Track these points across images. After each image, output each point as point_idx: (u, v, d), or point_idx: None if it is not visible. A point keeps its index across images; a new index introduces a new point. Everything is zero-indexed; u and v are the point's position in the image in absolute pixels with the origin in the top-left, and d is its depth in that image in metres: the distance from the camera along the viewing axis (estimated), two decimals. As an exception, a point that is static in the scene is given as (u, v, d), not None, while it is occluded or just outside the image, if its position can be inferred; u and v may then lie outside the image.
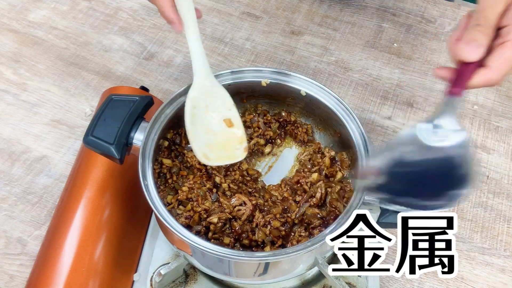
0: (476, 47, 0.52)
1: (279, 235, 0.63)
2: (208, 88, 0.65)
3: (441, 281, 0.74)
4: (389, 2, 1.08)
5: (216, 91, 0.66)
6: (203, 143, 0.65)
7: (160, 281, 0.64)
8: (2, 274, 0.73)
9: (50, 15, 1.04)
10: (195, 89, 0.64)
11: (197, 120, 0.65)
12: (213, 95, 0.65)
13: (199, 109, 0.65)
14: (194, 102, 0.65)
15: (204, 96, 0.65)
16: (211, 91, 0.65)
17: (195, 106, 0.65)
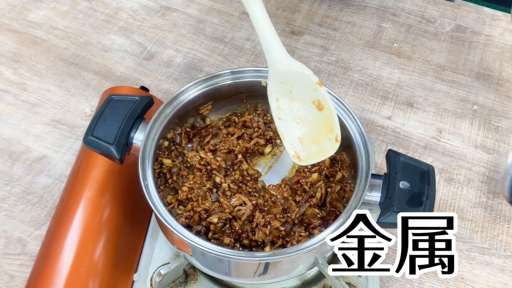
0: None
1: (279, 235, 0.63)
2: (284, 72, 0.57)
3: (441, 281, 0.74)
4: (389, 2, 1.08)
5: (294, 71, 0.57)
6: (295, 138, 0.58)
7: (160, 281, 0.64)
8: (2, 274, 0.73)
9: (50, 15, 1.04)
10: (271, 81, 0.57)
11: (284, 113, 0.58)
12: (292, 78, 0.57)
13: (283, 100, 0.58)
14: (274, 95, 0.57)
15: (283, 83, 0.57)
16: (288, 73, 0.57)
17: (277, 98, 0.58)
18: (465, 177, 0.84)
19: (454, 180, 0.84)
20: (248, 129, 0.73)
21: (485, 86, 0.95)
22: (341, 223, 0.57)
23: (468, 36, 1.03)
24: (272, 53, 0.57)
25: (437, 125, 0.90)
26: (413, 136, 0.89)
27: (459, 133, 0.89)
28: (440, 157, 0.86)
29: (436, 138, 0.89)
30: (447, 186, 0.83)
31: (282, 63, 0.57)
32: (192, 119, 0.71)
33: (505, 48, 1.01)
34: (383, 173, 0.60)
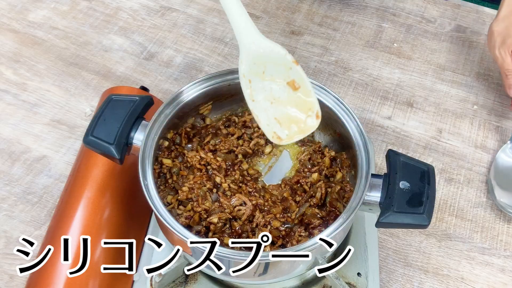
0: None
1: (279, 235, 0.63)
2: (257, 52, 0.55)
3: (441, 281, 0.74)
4: (389, 2, 1.08)
5: (268, 50, 0.55)
6: (271, 119, 0.57)
7: (160, 281, 0.64)
8: (2, 274, 0.73)
9: (50, 15, 1.04)
10: (243, 61, 0.56)
11: (257, 93, 0.56)
12: (266, 58, 0.55)
13: (255, 81, 0.56)
14: (247, 76, 0.56)
15: (256, 64, 0.56)
16: (261, 53, 0.55)
17: (250, 79, 0.56)
18: (465, 177, 0.84)
19: (454, 180, 0.84)
20: (248, 129, 0.73)
21: (485, 86, 0.95)
22: (341, 223, 0.57)
23: (468, 36, 1.03)
24: (245, 35, 0.55)
25: (437, 125, 0.90)
26: (413, 136, 0.89)
27: (459, 133, 0.89)
28: (440, 157, 0.86)
29: (436, 138, 0.89)
30: (447, 186, 0.83)
31: (256, 44, 0.55)
32: (192, 119, 0.71)
33: (505, 48, 1.01)
34: (383, 173, 0.60)
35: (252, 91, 0.57)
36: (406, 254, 0.76)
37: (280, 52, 0.55)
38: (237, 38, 0.55)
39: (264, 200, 0.66)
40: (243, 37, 0.55)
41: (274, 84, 0.56)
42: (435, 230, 0.78)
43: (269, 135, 0.58)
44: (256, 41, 0.55)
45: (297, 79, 0.56)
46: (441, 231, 0.78)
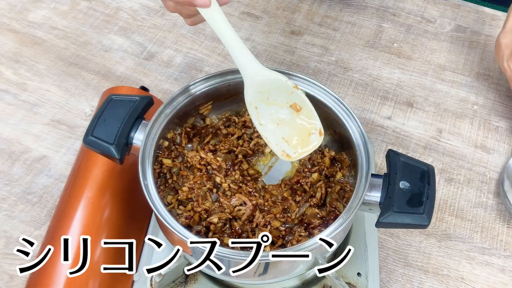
0: None
1: (279, 235, 0.63)
2: (260, 82, 0.61)
3: (441, 281, 0.74)
4: (389, 2, 1.08)
5: (270, 79, 0.61)
6: (279, 139, 0.62)
7: (160, 281, 0.64)
8: (2, 274, 0.73)
9: (50, 15, 1.04)
10: (248, 91, 0.61)
11: (264, 117, 0.62)
12: (269, 86, 0.61)
13: (261, 107, 0.62)
14: (253, 104, 0.62)
15: (261, 92, 0.61)
16: (264, 82, 0.61)
17: (256, 106, 0.62)
18: (465, 177, 0.84)
19: (454, 180, 0.84)
20: (248, 129, 0.73)
21: (485, 86, 0.95)
22: (341, 223, 0.57)
23: (468, 36, 1.03)
24: (248, 68, 0.60)
25: (437, 125, 0.90)
26: (413, 136, 0.89)
27: (459, 133, 0.89)
28: (440, 157, 0.86)
29: (436, 138, 0.89)
30: (447, 186, 0.83)
31: (259, 74, 0.61)
32: (192, 119, 0.71)
33: (505, 48, 1.01)
34: (383, 173, 0.60)
35: (259, 116, 0.62)
36: (406, 254, 0.76)
37: (281, 79, 0.61)
38: (241, 72, 0.61)
39: (264, 200, 0.66)
40: (246, 70, 0.60)
41: (278, 107, 0.62)
42: (435, 230, 0.78)
43: (279, 153, 0.62)
44: (259, 72, 0.61)
45: (299, 101, 0.61)
46: (441, 231, 0.78)
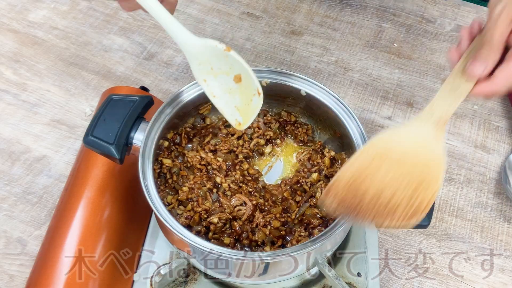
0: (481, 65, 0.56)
1: (279, 235, 0.63)
2: (196, 53, 0.59)
3: (441, 281, 0.74)
4: (389, 2, 1.08)
5: (203, 47, 0.59)
6: (232, 108, 0.62)
7: (160, 281, 0.64)
8: (2, 274, 0.73)
9: (50, 15, 1.04)
10: (191, 66, 0.60)
11: (215, 89, 0.61)
12: (205, 55, 0.60)
13: (209, 79, 0.61)
14: (200, 77, 0.61)
15: (202, 64, 0.60)
16: (199, 52, 0.59)
17: (205, 79, 0.61)
18: (465, 177, 0.84)
19: (454, 180, 0.84)
20: (248, 129, 0.73)
21: (485, 86, 0.95)
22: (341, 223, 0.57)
23: (468, 36, 1.03)
24: (185, 42, 0.58)
25: (437, 125, 0.90)
26: (413, 136, 0.89)
27: (459, 133, 0.89)
28: (440, 157, 0.86)
29: (436, 138, 0.88)
30: (447, 186, 0.83)
31: (193, 46, 0.59)
32: (192, 119, 0.71)
33: (505, 48, 1.01)
34: (383, 173, 0.60)
35: (210, 88, 0.61)
36: (406, 254, 0.76)
37: (212, 44, 0.58)
38: (182, 49, 0.59)
39: (264, 200, 0.66)
40: (184, 45, 0.59)
41: (226, 76, 0.60)
42: (435, 230, 0.78)
43: (233, 123, 0.62)
44: (192, 43, 0.59)
45: (234, 63, 0.59)
46: (441, 231, 0.78)
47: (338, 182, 0.55)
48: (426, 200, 0.53)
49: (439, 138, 0.57)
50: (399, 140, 0.57)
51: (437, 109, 0.57)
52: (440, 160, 0.55)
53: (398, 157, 0.56)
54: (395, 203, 0.53)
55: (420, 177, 0.54)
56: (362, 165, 0.56)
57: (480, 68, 0.55)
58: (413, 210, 0.52)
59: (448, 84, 0.58)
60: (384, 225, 0.52)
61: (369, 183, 0.54)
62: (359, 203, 0.53)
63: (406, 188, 0.53)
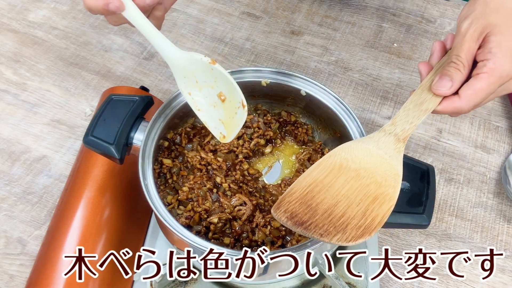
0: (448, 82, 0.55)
1: (279, 235, 0.63)
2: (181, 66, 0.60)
3: (441, 281, 0.74)
4: (389, 2, 1.08)
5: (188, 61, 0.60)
6: (217, 121, 0.63)
7: (160, 281, 0.64)
8: (2, 274, 0.73)
9: (50, 15, 1.04)
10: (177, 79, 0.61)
11: (200, 102, 0.62)
12: (190, 68, 0.61)
13: (194, 92, 0.62)
14: (185, 90, 0.62)
15: (187, 77, 0.61)
16: (184, 65, 0.60)
17: (189, 92, 0.62)
18: (465, 177, 0.84)
19: (454, 180, 0.84)
20: (248, 129, 0.72)
21: (485, 86, 0.95)
22: (341, 223, 0.57)
23: (468, 36, 1.03)
24: (170, 55, 0.59)
25: (437, 125, 0.90)
26: (413, 136, 0.89)
27: (459, 133, 0.89)
28: (440, 157, 0.86)
29: (436, 138, 0.89)
30: (447, 186, 0.83)
31: (179, 59, 0.60)
32: (192, 119, 0.71)
33: (505, 48, 1.01)
34: (383, 173, 0.60)
35: (194, 101, 0.62)
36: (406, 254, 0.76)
37: (197, 58, 0.59)
38: (167, 62, 0.60)
39: (264, 200, 0.66)
40: (169, 58, 0.59)
41: (210, 89, 0.61)
42: (435, 230, 0.78)
43: (217, 136, 0.63)
44: (178, 57, 0.59)
45: (219, 76, 0.60)
46: (441, 231, 0.78)
47: (293, 192, 0.53)
48: (380, 217, 0.51)
49: (400, 150, 0.55)
50: (360, 151, 0.56)
51: (399, 122, 0.56)
52: (397, 173, 0.54)
53: (357, 168, 0.55)
54: (348, 217, 0.51)
55: (376, 191, 0.53)
56: (319, 176, 0.54)
57: (446, 85, 0.54)
58: (365, 226, 0.50)
59: (415, 97, 0.57)
60: (334, 240, 0.50)
61: (324, 194, 0.53)
62: (312, 214, 0.51)
63: (361, 203, 0.52)
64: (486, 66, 0.53)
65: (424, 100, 0.56)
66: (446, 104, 0.55)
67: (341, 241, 0.50)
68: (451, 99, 0.55)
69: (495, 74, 0.53)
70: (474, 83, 0.53)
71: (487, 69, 0.53)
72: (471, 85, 0.54)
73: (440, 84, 0.55)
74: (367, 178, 0.54)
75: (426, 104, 0.56)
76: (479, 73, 0.53)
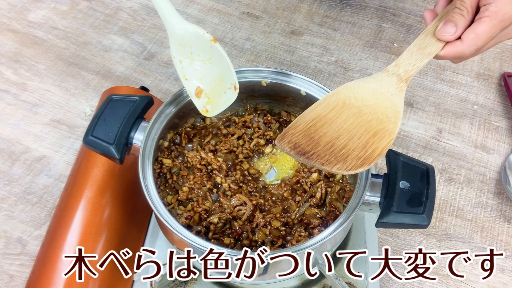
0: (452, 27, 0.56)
1: (279, 235, 0.63)
2: (181, 35, 0.62)
3: (441, 281, 0.74)
4: (389, 2, 1.08)
5: (189, 32, 0.62)
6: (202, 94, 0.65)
7: (160, 281, 0.64)
8: (2, 274, 0.73)
9: (50, 15, 1.04)
10: (171, 44, 0.62)
11: (188, 72, 0.64)
12: (189, 39, 0.62)
13: (185, 62, 0.63)
14: (177, 57, 0.63)
15: (183, 46, 0.62)
16: (184, 35, 0.62)
17: (180, 60, 0.63)
18: (465, 177, 0.84)
19: (454, 180, 0.84)
20: (248, 129, 0.73)
21: (485, 86, 0.95)
22: (341, 223, 0.57)
23: (468, 36, 1.03)
24: (169, 19, 0.61)
25: (437, 125, 0.90)
26: (413, 136, 0.89)
27: (459, 133, 0.89)
28: (440, 157, 0.86)
29: (436, 138, 0.89)
30: (447, 186, 0.83)
31: (179, 27, 0.61)
32: (192, 119, 0.71)
33: (505, 48, 1.01)
34: (383, 173, 0.60)
35: (184, 70, 0.63)
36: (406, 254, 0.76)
37: (199, 32, 0.61)
38: (164, 24, 0.61)
39: (264, 200, 0.66)
40: (168, 22, 0.61)
41: (201, 63, 0.63)
42: (435, 230, 0.78)
43: (200, 109, 0.65)
44: (180, 25, 0.61)
45: (216, 54, 0.62)
46: (441, 231, 0.78)
47: (297, 125, 0.55)
48: (379, 149, 0.53)
49: (402, 89, 0.57)
50: (363, 89, 0.58)
51: (403, 64, 0.58)
52: (398, 110, 0.56)
53: (359, 105, 0.56)
54: (349, 149, 0.53)
55: (377, 127, 0.55)
56: (323, 111, 0.56)
57: (450, 31, 0.56)
58: (365, 157, 0.52)
59: (419, 41, 0.59)
60: (334, 168, 0.51)
61: (327, 128, 0.55)
62: (315, 146, 0.53)
63: (362, 136, 0.54)
64: (488, 10, 0.54)
65: (427, 44, 0.58)
66: (449, 49, 0.56)
67: (341, 169, 0.52)
68: (454, 43, 0.56)
69: (497, 17, 0.54)
70: (477, 27, 0.55)
71: (489, 13, 0.54)
72: (474, 29, 0.55)
73: (445, 30, 0.56)
74: (369, 115, 0.56)
75: (429, 48, 0.57)
76: (481, 17, 0.55)
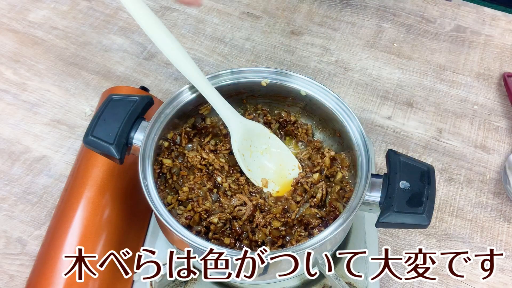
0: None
1: (279, 235, 0.63)
2: (244, 130, 0.67)
3: (441, 281, 0.74)
4: (389, 2, 1.08)
5: (253, 126, 0.69)
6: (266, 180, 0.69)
7: (160, 281, 0.64)
8: (2, 274, 0.73)
9: (50, 15, 1.04)
10: (236, 139, 0.67)
11: (251, 164, 0.68)
12: (251, 132, 0.68)
13: (246, 154, 0.68)
14: (241, 151, 0.67)
15: (246, 140, 0.68)
16: (248, 129, 0.68)
17: (243, 153, 0.68)
18: (465, 177, 0.84)
19: (454, 180, 0.84)
20: (248, 129, 0.73)
21: (485, 86, 0.95)
22: (341, 223, 0.57)
23: (468, 36, 1.03)
24: (234, 119, 0.67)
25: (437, 125, 0.90)
26: (413, 136, 0.89)
27: (459, 133, 0.89)
28: (440, 157, 0.86)
29: (436, 138, 0.89)
30: (447, 186, 0.83)
31: (243, 123, 0.68)
32: (192, 119, 0.71)
33: (505, 48, 1.01)
34: (383, 173, 0.60)
35: (246, 162, 0.68)
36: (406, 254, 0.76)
37: (260, 126, 0.70)
38: (227, 123, 0.67)
39: (265, 200, 0.66)
40: (233, 120, 0.67)
41: (259, 154, 0.69)
42: (435, 230, 0.78)
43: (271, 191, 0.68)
44: (242, 121, 0.68)
45: (274, 146, 0.70)
46: (441, 231, 0.78)
47: None
48: None
49: None
50: None
51: None
52: None
53: None
54: None
55: None
56: None
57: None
58: None
59: None
60: None
61: None
62: None
63: None
64: None
65: None
66: None
67: None
68: None
69: None
70: None
71: None
72: None
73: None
74: None
75: None
76: None
